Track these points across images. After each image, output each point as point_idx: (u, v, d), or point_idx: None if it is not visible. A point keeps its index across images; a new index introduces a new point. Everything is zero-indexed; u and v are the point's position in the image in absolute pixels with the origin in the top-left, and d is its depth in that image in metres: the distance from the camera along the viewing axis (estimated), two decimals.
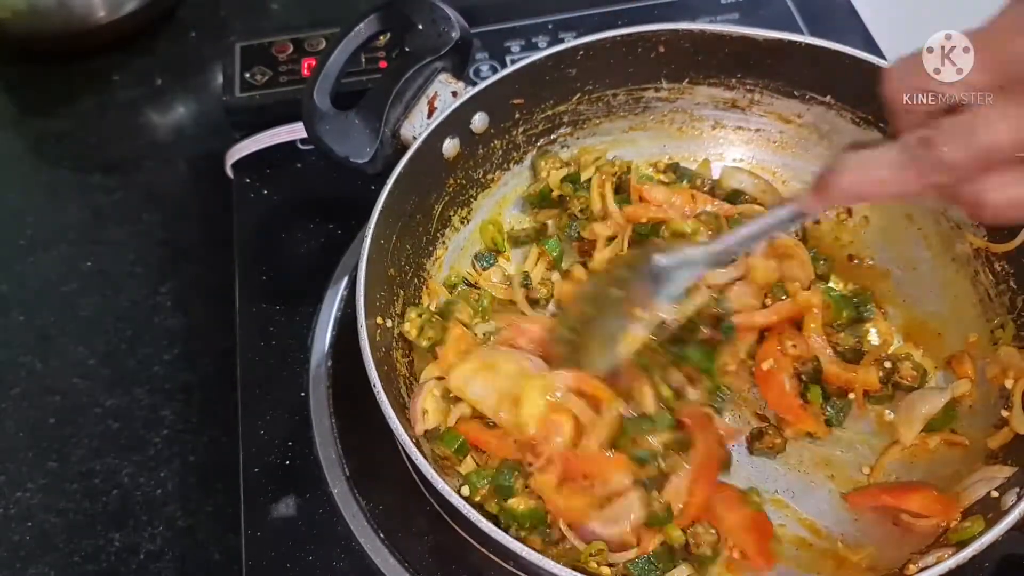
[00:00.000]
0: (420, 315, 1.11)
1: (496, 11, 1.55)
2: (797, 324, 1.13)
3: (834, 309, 1.13)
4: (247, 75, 1.46)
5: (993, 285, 1.11)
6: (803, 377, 1.09)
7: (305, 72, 1.45)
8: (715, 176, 1.28)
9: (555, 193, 1.24)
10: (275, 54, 1.49)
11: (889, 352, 1.13)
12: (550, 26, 1.53)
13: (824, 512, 1.05)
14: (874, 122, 1.17)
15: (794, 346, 1.11)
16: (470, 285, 1.21)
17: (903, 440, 1.06)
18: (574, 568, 0.86)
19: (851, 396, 1.10)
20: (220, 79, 1.49)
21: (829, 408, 1.09)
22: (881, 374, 1.09)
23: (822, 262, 1.19)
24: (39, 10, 1.55)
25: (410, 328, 1.11)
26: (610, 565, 0.96)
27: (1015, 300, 1.08)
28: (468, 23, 1.20)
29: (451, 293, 1.18)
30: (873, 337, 1.15)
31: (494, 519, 0.97)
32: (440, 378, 1.08)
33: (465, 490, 1.01)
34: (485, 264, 1.23)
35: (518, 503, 0.99)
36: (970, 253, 1.13)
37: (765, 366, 1.09)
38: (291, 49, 1.49)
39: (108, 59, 1.66)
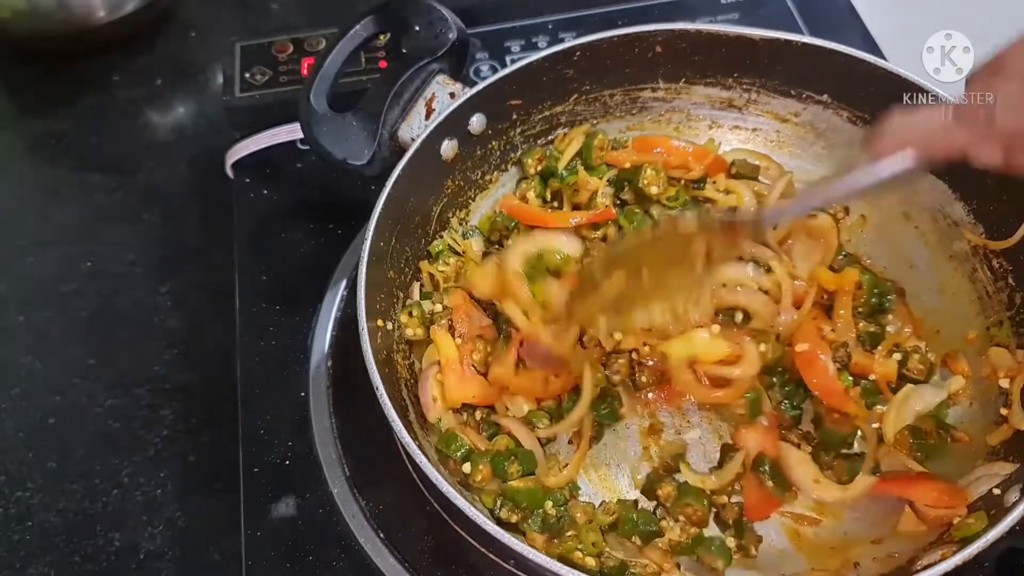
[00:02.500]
0: (411, 314, 1.12)
1: (496, 11, 1.56)
2: (826, 309, 1.14)
3: (867, 291, 1.14)
4: (247, 75, 1.46)
5: (991, 282, 1.11)
6: (837, 364, 1.10)
7: (305, 72, 1.46)
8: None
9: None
10: (275, 54, 1.49)
11: (900, 344, 1.13)
12: (550, 26, 1.53)
13: None
14: (870, 120, 1.18)
15: (832, 330, 1.11)
16: (456, 253, 1.21)
17: (886, 436, 1.06)
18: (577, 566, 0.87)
19: (872, 377, 1.10)
20: (220, 79, 1.49)
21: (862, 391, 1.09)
22: None
23: (842, 256, 1.20)
24: (39, 10, 1.55)
25: (412, 330, 1.12)
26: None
27: (1013, 297, 1.09)
28: (468, 23, 1.20)
29: (436, 259, 1.19)
30: (890, 328, 1.16)
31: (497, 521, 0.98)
32: (438, 362, 1.09)
33: (466, 467, 1.02)
34: (469, 234, 1.23)
35: (519, 484, 1.02)
36: (968, 250, 1.13)
37: (800, 348, 1.09)
38: (291, 49, 1.49)
39: (108, 59, 1.66)
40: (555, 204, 1.25)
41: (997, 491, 0.96)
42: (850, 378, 1.09)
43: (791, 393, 1.10)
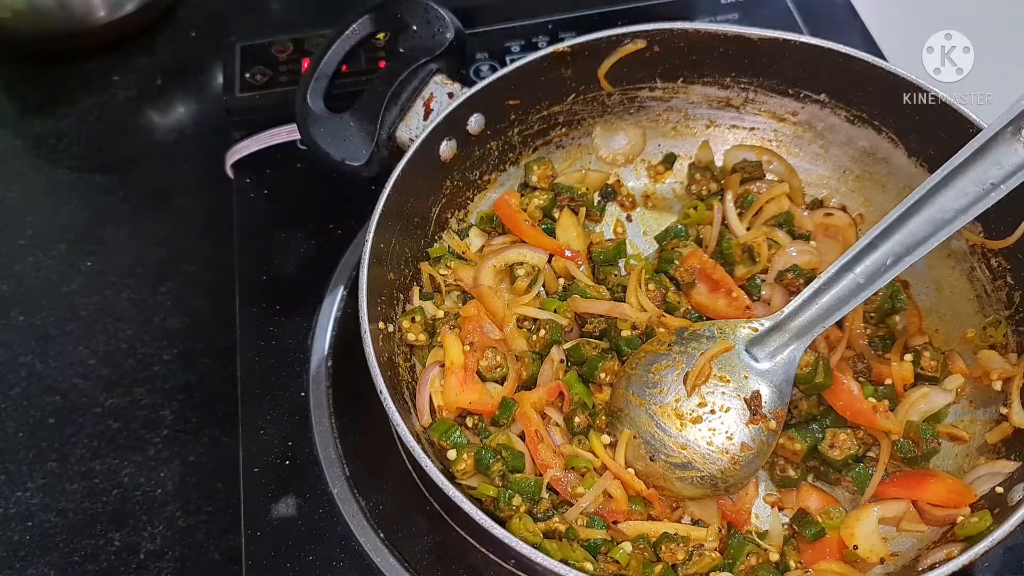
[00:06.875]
0: (414, 319, 1.12)
1: (496, 11, 1.56)
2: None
3: (883, 295, 1.13)
4: (247, 75, 1.46)
5: (989, 281, 1.12)
6: (859, 378, 1.10)
7: None
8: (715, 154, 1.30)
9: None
10: (275, 54, 1.49)
11: (908, 343, 1.13)
12: (550, 26, 1.53)
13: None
14: (868, 119, 1.18)
15: (848, 348, 1.11)
16: (458, 256, 1.21)
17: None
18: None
19: (888, 382, 1.10)
20: (220, 79, 1.50)
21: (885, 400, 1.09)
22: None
23: None
24: (39, 10, 1.55)
25: (415, 335, 1.12)
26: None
27: (1012, 296, 1.09)
28: (468, 23, 1.20)
29: (437, 263, 1.19)
30: (898, 325, 1.15)
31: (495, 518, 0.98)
32: (442, 364, 1.09)
33: (451, 454, 1.03)
34: (464, 234, 1.23)
35: (522, 476, 1.02)
36: (966, 249, 1.14)
37: None
38: (291, 49, 1.49)
39: (108, 59, 1.66)
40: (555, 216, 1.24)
41: (999, 489, 0.97)
42: (871, 387, 1.09)
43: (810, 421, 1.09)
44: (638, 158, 1.31)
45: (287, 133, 1.39)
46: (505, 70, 1.16)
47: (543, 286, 1.19)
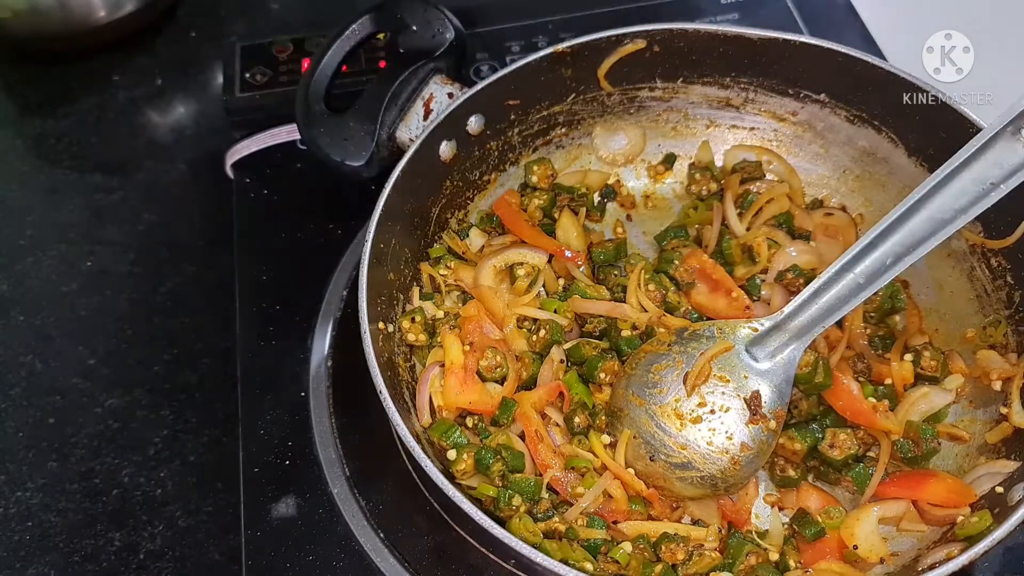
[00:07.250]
0: (414, 319, 1.12)
1: (496, 11, 1.55)
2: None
3: (883, 295, 1.13)
4: (247, 75, 1.46)
5: (989, 280, 1.12)
6: (859, 378, 1.10)
7: None
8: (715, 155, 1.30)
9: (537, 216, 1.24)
10: (275, 54, 1.49)
11: (908, 343, 1.13)
12: (550, 26, 1.53)
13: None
14: (868, 119, 1.18)
15: (848, 348, 1.11)
16: (458, 256, 1.21)
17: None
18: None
19: (888, 382, 1.10)
20: (220, 79, 1.49)
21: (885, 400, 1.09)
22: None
23: None
24: (39, 10, 1.55)
25: (415, 335, 1.12)
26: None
27: (1012, 296, 1.09)
28: (468, 24, 1.20)
29: (437, 263, 1.19)
30: (898, 325, 1.15)
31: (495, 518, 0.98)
32: (442, 364, 1.09)
33: (451, 454, 1.03)
34: (464, 234, 1.23)
35: (522, 476, 1.03)
36: (966, 249, 1.14)
37: None
38: (291, 49, 1.49)
39: (108, 59, 1.66)
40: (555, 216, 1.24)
41: (999, 489, 0.97)
42: (871, 387, 1.09)
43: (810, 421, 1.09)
44: (638, 158, 1.31)
45: (287, 133, 1.39)
46: (505, 70, 1.16)
47: (543, 286, 1.19)
